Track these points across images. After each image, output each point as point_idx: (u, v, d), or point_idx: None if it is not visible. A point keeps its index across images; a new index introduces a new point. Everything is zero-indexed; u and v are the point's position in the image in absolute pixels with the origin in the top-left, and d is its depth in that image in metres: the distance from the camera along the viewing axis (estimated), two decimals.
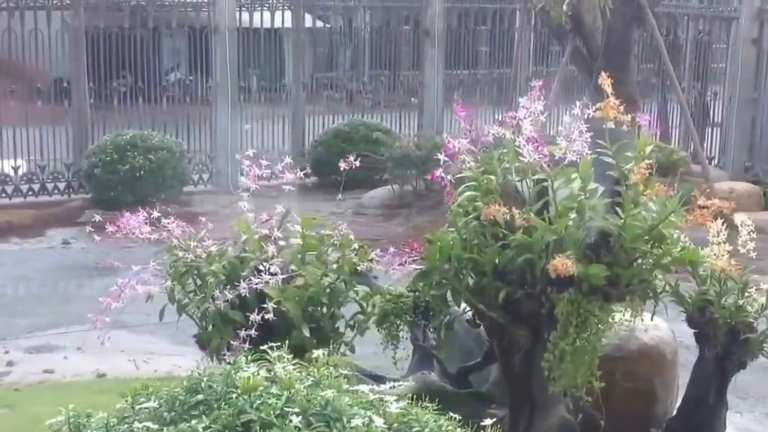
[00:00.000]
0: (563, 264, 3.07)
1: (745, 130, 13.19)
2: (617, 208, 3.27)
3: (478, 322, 3.63)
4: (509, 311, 3.48)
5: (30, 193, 11.30)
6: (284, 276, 3.13)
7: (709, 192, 3.37)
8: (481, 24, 14.11)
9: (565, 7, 10.58)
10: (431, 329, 4.00)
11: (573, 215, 3.36)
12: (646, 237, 3.31)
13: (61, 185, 11.42)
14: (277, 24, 12.89)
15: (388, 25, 13.70)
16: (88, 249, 9.27)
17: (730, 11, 13.74)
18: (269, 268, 3.12)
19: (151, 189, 10.35)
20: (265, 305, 3.01)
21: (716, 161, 13.96)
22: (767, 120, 13.01)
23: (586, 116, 3.41)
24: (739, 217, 3.82)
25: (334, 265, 3.27)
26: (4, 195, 11.15)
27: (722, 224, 3.66)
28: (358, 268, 3.32)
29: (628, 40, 11.22)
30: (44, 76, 12.14)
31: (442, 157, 3.45)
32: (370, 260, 3.38)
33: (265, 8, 12.36)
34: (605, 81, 3.44)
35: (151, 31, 12.03)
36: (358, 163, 3.68)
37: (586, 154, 3.47)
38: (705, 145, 13.98)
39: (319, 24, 14.77)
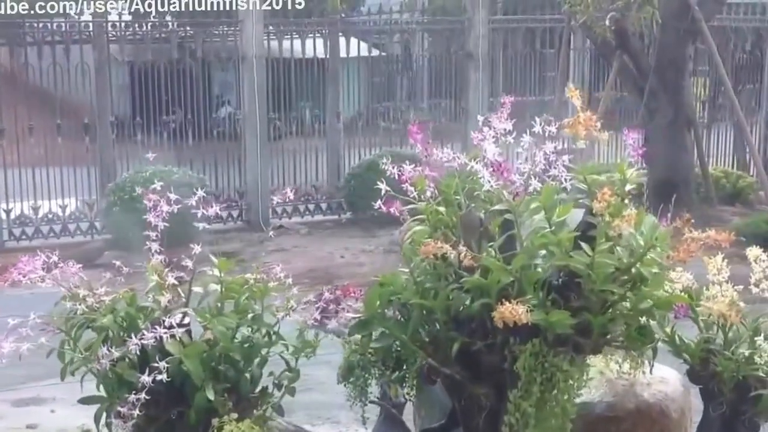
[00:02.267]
0: (512, 311, 2.66)
1: None
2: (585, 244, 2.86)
3: (433, 378, 3.23)
4: (467, 366, 3.08)
5: (51, 234, 11.25)
6: (186, 329, 2.81)
7: (691, 221, 2.92)
8: (530, 46, 13.71)
9: (608, 22, 10.24)
10: (402, 384, 3.63)
11: (542, 252, 2.96)
12: (625, 277, 2.88)
13: (84, 225, 11.34)
14: (320, 52, 12.72)
15: (448, 51, 13.36)
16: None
17: None
18: (167, 321, 2.80)
19: (171, 228, 10.14)
20: (157, 364, 2.68)
21: None
22: None
23: (548, 135, 3.00)
24: (753, 252, 3.37)
25: (249, 315, 2.93)
26: (24, 237, 11.11)
27: (723, 260, 3.22)
28: (278, 316, 2.96)
29: (683, 57, 10.80)
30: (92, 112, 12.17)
31: (383, 186, 3.09)
32: (292, 309, 3.02)
33: (295, 35, 12.18)
34: (573, 93, 3.03)
35: (200, 62, 11.97)
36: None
37: (564, 180, 3.09)
38: None
39: (375, 52, 14.54)
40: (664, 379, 3.69)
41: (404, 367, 3.19)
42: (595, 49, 11.91)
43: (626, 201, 3.07)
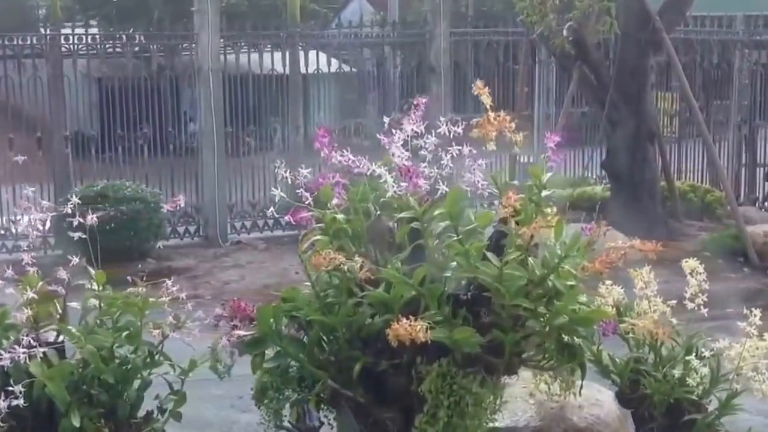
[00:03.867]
0: (407, 328, 2.39)
1: None
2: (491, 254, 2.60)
3: (337, 402, 2.96)
4: (372, 389, 2.81)
5: (3, 249, 10.90)
6: (57, 348, 2.53)
7: (607, 227, 2.66)
8: (493, 59, 13.47)
9: (565, 32, 10.01)
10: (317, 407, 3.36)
11: (454, 264, 2.70)
12: (538, 291, 2.62)
13: (37, 241, 11.00)
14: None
15: (415, 65, 13.08)
16: None
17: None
18: (24, 340, 2.51)
19: (122, 243, 9.84)
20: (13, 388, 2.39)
21: (762, 201, 13.07)
22: None
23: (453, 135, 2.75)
24: (689, 264, 3.12)
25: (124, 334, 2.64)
26: None
27: (649, 272, 2.97)
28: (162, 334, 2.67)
29: (644, 68, 10.56)
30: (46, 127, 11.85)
31: (277, 192, 2.83)
32: (178, 327, 2.74)
33: (252, 49, 11.89)
34: (481, 91, 2.77)
35: (167, 78, 11.67)
36: None
37: (482, 185, 2.84)
38: (757, 185, 13.13)
39: (347, 68, 14.23)
40: (598, 402, 3.42)
41: (306, 390, 2.92)
42: (555, 61, 11.67)
43: (547, 209, 2.82)
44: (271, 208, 2.88)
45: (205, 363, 2.75)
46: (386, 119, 2.88)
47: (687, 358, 2.87)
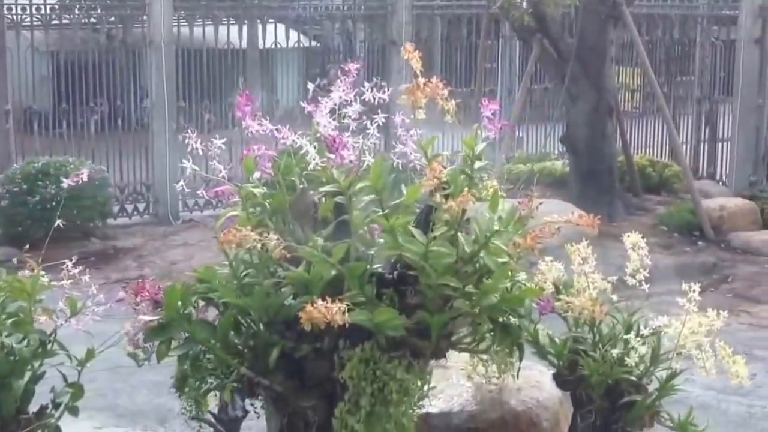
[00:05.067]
0: (323, 311, 2.23)
1: (749, 141, 12.21)
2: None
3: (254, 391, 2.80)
4: (292, 375, 2.65)
5: None
6: None
7: (539, 203, 2.51)
8: (456, 33, 13.29)
9: (526, 5, 9.85)
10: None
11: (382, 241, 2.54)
12: (468, 269, 2.47)
13: None
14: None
15: (378, 38, 12.85)
16: None
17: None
18: None
19: (65, 222, 9.56)
20: None
21: (720, 176, 13.05)
22: None
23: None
24: (631, 239, 2.98)
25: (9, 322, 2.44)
26: None
27: (587, 247, 2.83)
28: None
29: (604, 42, 10.44)
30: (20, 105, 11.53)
31: (188, 165, 2.64)
32: (75, 313, 2.54)
33: (207, 21, 11.61)
34: (411, 55, 2.60)
35: (123, 52, 11.36)
36: None
37: (416, 158, 2.68)
38: (717, 160, 13.11)
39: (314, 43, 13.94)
40: (538, 384, 3.30)
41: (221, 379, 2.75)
42: (516, 35, 11.51)
43: (480, 181, 2.67)
44: (181, 182, 2.68)
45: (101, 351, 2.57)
46: (310, 86, 2.71)
47: (626, 337, 2.73)
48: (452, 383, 3.28)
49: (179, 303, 2.52)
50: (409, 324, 2.46)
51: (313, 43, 13.66)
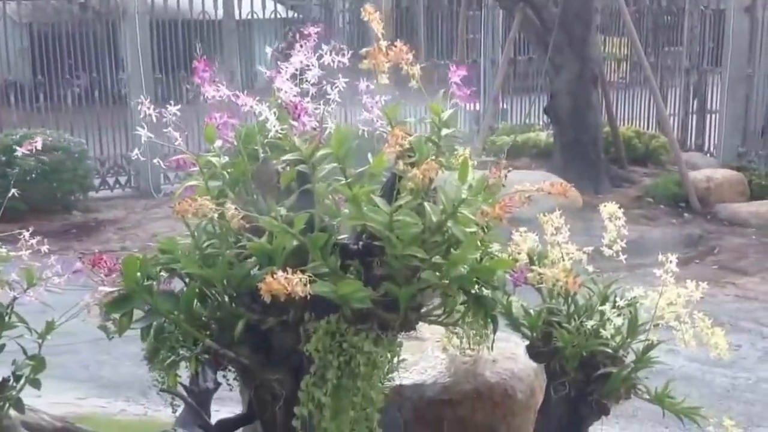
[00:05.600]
0: (283, 282, 2.16)
1: (737, 111, 12.17)
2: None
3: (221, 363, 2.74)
4: (258, 348, 2.59)
5: None
6: None
7: (508, 169, 2.44)
8: (439, 3, 13.19)
9: None
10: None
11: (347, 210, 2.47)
12: (436, 239, 2.40)
13: None
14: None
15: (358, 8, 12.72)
16: None
17: None
18: None
19: (45, 195, 9.49)
20: None
21: (708, 147, 13.01)
22: (762, 99, 11.98)
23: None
24: (608, 209, 2.91)
25: None
26: None
27: (560, 217, 2.77)
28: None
29: (588, 10, 10.35)
30: None
31: (143, 132, 2.56)
32: (33, 284, 2.46)
33: None
34: (372, 17, 2.51)
35: (103, 23, 11.22)
36: None
37: (382, 125, 2.60)
38: (706, 131, 13.07)
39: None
40: (513, 356, 3.25)
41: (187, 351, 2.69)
42: (498, 3, 11.42)
43: (449, 149, 2.60)
44: (136, 150, 2.60)
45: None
46: (269, 50, 2.63)
47: (601, 308, 2.68)
48: (427, 355, 3.23)
49: (138, 274, 2.45)
50: (376, 296, 2.40)
51: (291, 13, 13.53)
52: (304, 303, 2.44)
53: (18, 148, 2.83)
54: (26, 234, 2.61)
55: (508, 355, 3.23)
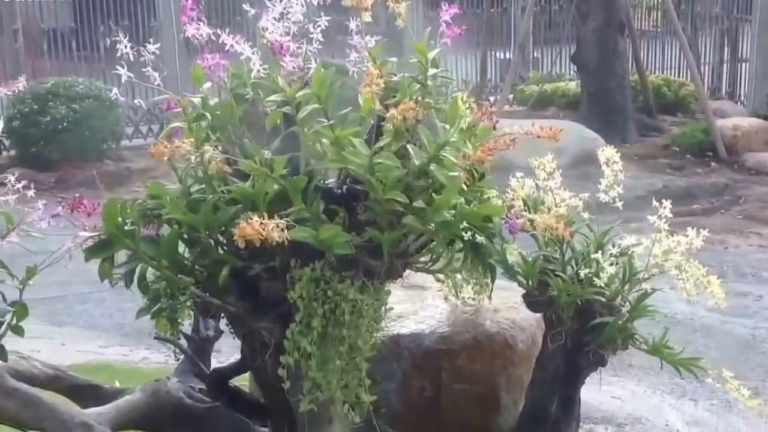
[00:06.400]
0: (255, 227, 2.05)
1: (766, 59, 11.81)
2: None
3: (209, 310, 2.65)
4: (245, 296, 2.49)
5: None
6: None
7: (493, 113, 2.29)
8: None
9: None
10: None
11: (327, 151, 2.34)
12: (420, 183, 2.27)
13: None
14: None
15: None
16: None
17: None
18: None
19: (77, 143, 9.45)
20: None
21: (740, 96, 12.66)
22: None
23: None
24: (606, 153, 2.76)
25: None
26: None
27: (552, 161, 2.62)
28: None
29: None
30: (32, 25, 11.34)
31: (122, 72, 2.45)
32: (13, 227, 2.37)
33: None
34: None
35: None
36: None
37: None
38: (737, 80, 12.72)
39: None
40: (516, 305, 3.12)
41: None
42: None
43: (438, 91, 2.45)
44: (114, 90, 2.49)
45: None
46: None
47: (593, 256, 2.54)
48: (426, 305, 3.12)
49: (120, 219, 2.35)
50: (359, 242, 2.28)
51: None
52: (291, 249, 2.35)
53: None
54: (11, 178, 2.51)
55: (510, 305, 3.11)
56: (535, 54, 13.74)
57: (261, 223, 2.07)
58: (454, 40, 2.45)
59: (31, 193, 2.57)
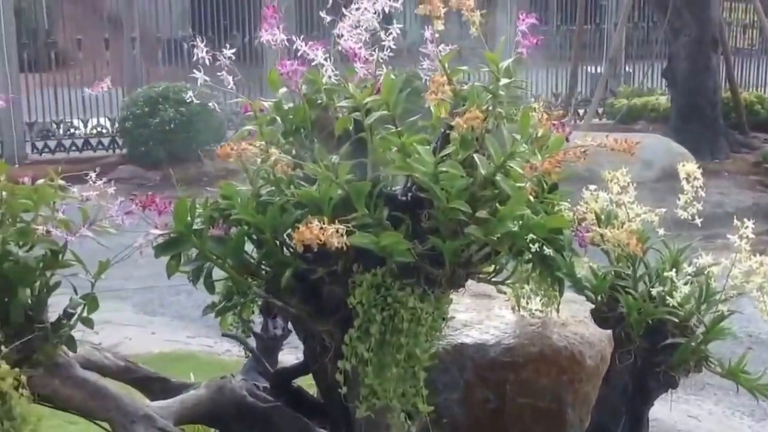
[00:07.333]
0: (313, 231, 1.94)
1: None
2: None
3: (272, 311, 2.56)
4: (308, 299, 2.38)
5: (73, 148, 10.79)
6: None
7: (563, 123, 2.13)
8: None
9: None
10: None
11: (393, 158, 2.21)
12: (486, 193, 2.12)
13: (105, 140, 10.85)
14: None
15: None
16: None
17: None
18: None
19: (182, 144, 9.58)
20: None
21: None
22: None
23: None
24: (686, 168, 2.56)
25: (10, 227, 2.22)
26: (46, 150, 10.67)
27: (626, 175, 2.44)
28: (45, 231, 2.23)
29: None
30: (148, 33, 11.61)
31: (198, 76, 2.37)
32: (90, 223, 2.30)
33: None
34: None
35: None
36: None
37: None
38: None
39: None
40: (585, 320, 2.94)
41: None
42: None
43: (512, 101, 2.30)
44: (189, 93, 2.42)
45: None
46: None
47: (666, 274, 2.34)
48: (493, 315, 2.96)
49: (188, 218, 2.28)
50: (421, 250, 2.15)
51: None
52: (354, 254, 2.24)
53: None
54: (92, 175, 2.46)
55: (580, 319, 2.93)
56: (627, 69, 13.36)
57: (320, 228, 1.95)
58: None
59: (111, 190, 2.52)
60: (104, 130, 10.80)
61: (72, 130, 10.81)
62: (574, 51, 11.44)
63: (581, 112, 12.16)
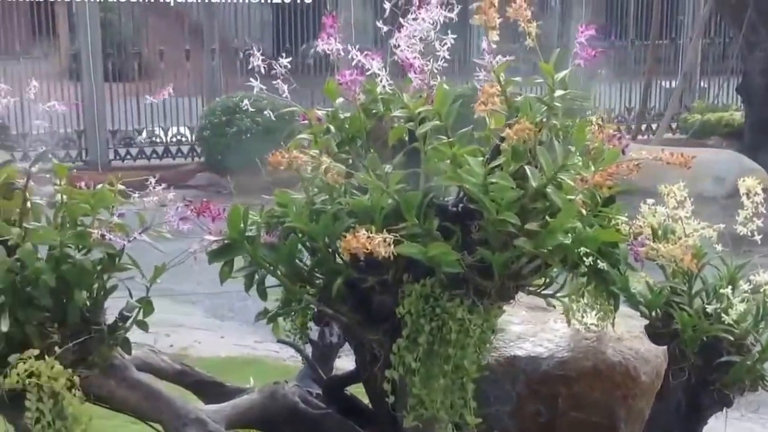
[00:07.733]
0: (360, 240, 1.91)
1: None
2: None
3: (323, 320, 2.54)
4: (358, 307, 2.36)
5: (154, 155, 11.01)
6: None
7: (621, 134, 2.05)
8: None
9: None
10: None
11: (445, 168, 2.17)
12: (536, 205, 2.07)
13: (185, 148, 11.04)
14: None
15: None
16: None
17: None
18: None
19: (256, 152, 9.68)
20: None
21: None
22: None
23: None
24: (746, 183, 2.46)
25: (69, 230, 2.24)
26: (128, 157, 10.91)
27: (683, 189, 2.35)
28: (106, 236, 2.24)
29: None
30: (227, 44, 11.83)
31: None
32: (146, 228, 2.31)
33: None
34: None
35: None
36: None
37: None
38: None
39: None
40: (641, 335, 2.84)
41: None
42: None
43: (567, 114, 2.24)
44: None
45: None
46: (387, 3, 2.35)
47: (722, 291, 2.25)
48: (548, 327, 2.89)
49: (242, 225, 2.27)
50: (470, 261, 2.10)
51: None
52: (405, 264, 2.21)
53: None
54: (152, 180, 2.47)
55: (636, 334, 2.83)
56: (702, 84, 13.05)
57: (367, 237, 1.93)
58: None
59: (171, 195, 2.53)
60: (184, 139, 11.00)
61: (153, 138, 11.03)
62: (648, 65, 11.23)
63: (654, 126, 11.92)
